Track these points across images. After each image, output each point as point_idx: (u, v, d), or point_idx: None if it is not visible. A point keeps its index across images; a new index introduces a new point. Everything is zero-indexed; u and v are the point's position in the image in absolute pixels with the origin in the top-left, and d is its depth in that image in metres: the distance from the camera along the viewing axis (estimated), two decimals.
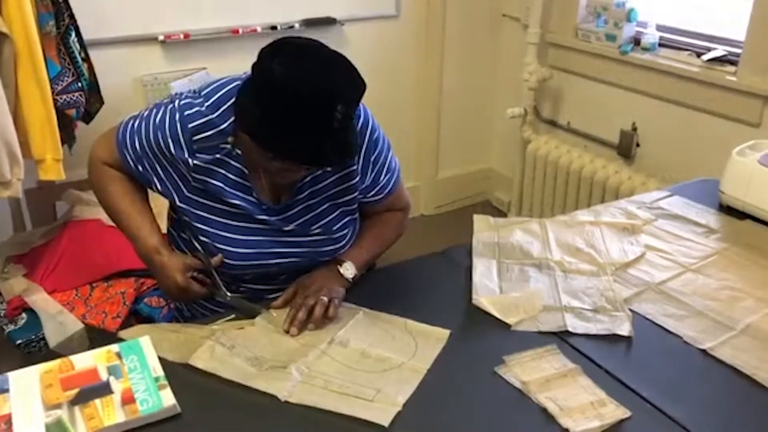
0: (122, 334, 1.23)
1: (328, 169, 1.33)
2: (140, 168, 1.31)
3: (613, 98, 2.75)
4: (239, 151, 1.27)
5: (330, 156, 1.18)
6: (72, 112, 1.98)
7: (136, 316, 1.98)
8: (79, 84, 1.98)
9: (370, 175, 1.39)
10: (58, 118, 1.89)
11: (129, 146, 1.31)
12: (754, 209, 1.64)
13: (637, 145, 2.69)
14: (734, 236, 1.58)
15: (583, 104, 2.91)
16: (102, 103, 2.14)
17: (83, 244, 2.10)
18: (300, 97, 1.11)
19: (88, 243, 2.10)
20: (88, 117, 2.12)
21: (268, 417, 1.04)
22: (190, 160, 1.26)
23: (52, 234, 2.17)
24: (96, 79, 2.10)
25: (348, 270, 1.35)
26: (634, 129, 2.69)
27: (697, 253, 1.51)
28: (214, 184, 1.28)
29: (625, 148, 2.71)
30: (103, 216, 2.14)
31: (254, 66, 1.17)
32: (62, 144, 1.96)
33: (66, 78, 1.96)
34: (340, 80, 1.15)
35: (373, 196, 1.42)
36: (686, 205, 1.73)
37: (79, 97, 1.98)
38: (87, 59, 2.04)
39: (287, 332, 1.22)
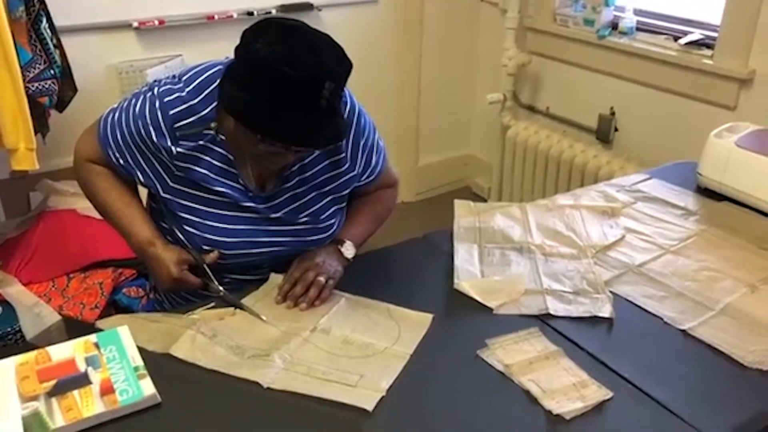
0: (100, 324, 1.21)
1: (316, 153, 1.31)
2: (122, 161, 1.28)
3: (592, 83, 2.76)
4: (223, 137, 1.25)
5: (319, 137, 1.17)
6: (45, 100, 1.94)
7: (115, 307, 1.95)
8: (52, 71, 1.94)
9: (361, 160, 1.38)
10: (30, 107, 1.85)
11: (111, 140, 1.28)
12: (731, 191, 1.65)
13: (615, 129, 2.71)
14: (712, 218, 1.59)
15: (561, 89, 2.92)
16: (75, 90, 2.10)
17: (58, 235, 2.07)
18: (287, 76, 1.09)
19: (64, 233, 2.06)
20: (61, 105, 2.08)
21: (252, 404, 1.03)
22: (173, 148, 1.23)
23: (26, 225, 2.14)
24: (69, 67, 2.06)
25: (348, 250, 1.35)
26: (612, 113, 2.70)
27: (676, 234, 1.52)
28: (199, 172, 1.26)
29: (604, 132, 2.73)
30: (79, 206, 2.12)
31: (238, 48, 1.15)
32: (35, 133, 1.92)
33: (38, 65, 1.91)
34: (327, 59, 1.13)
35: (366, 179, 1.41)
36: (665, 187, 1.74)
37: (51, 84, 1.94)
38: (59, 46, 2.00)
39: (281, 303, 1.24)
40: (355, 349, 1.14)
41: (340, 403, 1.02)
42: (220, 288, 1.27)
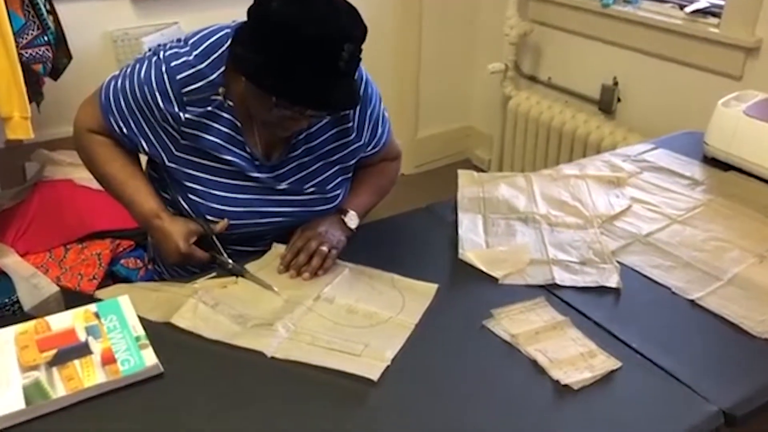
0: (99, 294, 1.19)
1: (324, 121, 1.28)
2: (125, 130, 1.24)
3: (594, 52, 2.71)
4: (231, 103, 1.22)
5: (337, 99, 1.13)
6: (39, 67, 1.90)
7: (113, 278, 1.93)
8: (45, 38, 1.90)
9: (368, 130, 1.35)
10: (24, 74, 1.81)
11: (114, 108, 1.24)
12: (738, 160, 1.63)
13: (618, 99, 2.67)
14: (719, 187, 1.57)
15: (563, 59, 2.88)
16: (70, 58, 2.05)
17: (55, 206, 2.04)
18: (305, 37, 1.05)
19: (60, 204, 2.03)
20: (55, 73, 2.03)
21: (255, 374, 1.01)
22: (180, 114, 1.20)
23: (22, 195, 2.11)
24: (63, 33, 2.01)
25: (352, 220, 1.33)
26: (615, 83, 2.66)
27: (683, 204, 1.50)
28: (207, 139, 1.22)
29: (606, 103, 2.69)
30: (75, 176, 2.09)
31: (251, 9, 1.11)
32: (30, 102, 1.88)
33: (31, 31, 1.87)
34: (345, 20, 1.10)
35: (371, 149, 1.39)
36: (671, 157, 1.71)
37: (45, 51, 1.90)
38: (52, 12, 1.95)
39: (284, 272, 1.22)
40: (359, 319, 1.13)
41: (344, 372, 1.00)
42: (230, 261, 1.24)
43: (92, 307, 1.10)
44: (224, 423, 0.93)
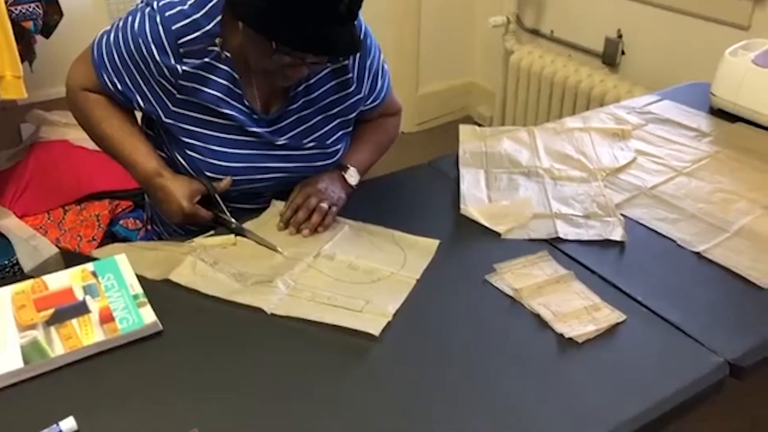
0: (96, 253, 1.17)
1: (323, 72, 1.25)
2: (120, 86, 1.20)
3: (598, 5, 2.65)
4: (228, 54, 1.18)
5: (338, 44, 1.09)
6: (29, 24, 1.85)
7: (113, 239, 1.92)
8: None
9: (367, 82, 1.31)
10: (14, 33, 1.77)
11: (107, 63, 1.20)
12: (746, 111, 1.59)
13: (623, 52, 2.62)
14: (726, 139, 1.54)
15: (566, 12, 2.81)
16: (61, 15, 2.01)
17: (51, 166, 2.02)
18: None
19: (57, 165, 2.01)
20: (47, 30, 1.99)
21: (255, 331, 1.00)
22: (177, 67, 1.16)
23: (19, 157, 2.08)
24: None
25: (352, 176, 1.31)
26: (620, 36, 2.60)
27: (688, 156, 1.47)
28: (204, 92, 1.19)
29: (610, 56, 2.64)
30: (71, 136, 2.07)
31: None
32: (22, 61, 1.84)
33: None
34: None
35: (371, 103, 1.36)
36: (677, 109, 1.68)
37: (35, 8, 1.85)
38: None
39: (283, 230, 1.21)
40: (360, 275, 1.11)
41: (346, 328, 0.99)
42: (233, 220, 1.22)
43: (89, 266, 1.09)
44: (225, 379, 0.92)
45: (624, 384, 0.92)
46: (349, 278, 1.10)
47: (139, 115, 1.30)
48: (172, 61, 1.15)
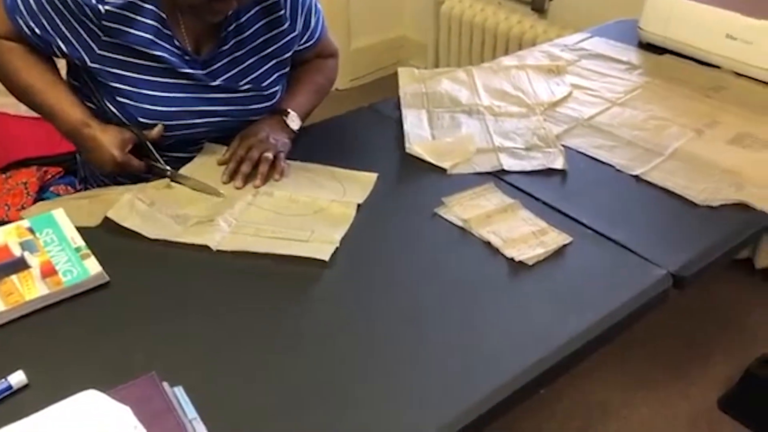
0: (24, 213, 1.11)
1: (253, 11, 1.22)
2: (38, 30, 1.13)
3: None
4: None
5: None
6: None
7: None
8: None
9: (300, 19, 1.28)
10: None
11: (21, 6, 1.12)
12: (674, 43, 1.64)
13: None
14: (655, 70, 1.59)
15: None
16: None
17: None
18: None
19: None
20: None
21: (204, 271, 0.98)
22: (99, 7, 1.09)
23: None
24: None
25: (293, 121, 1.28)
26: None
27: (621, 88, 1.51)
28: (132, 34, 1.13)
29: (539, 2, 2.66)
30: None
31: None
32: None
33: None
34: None
35: (305, 42, 1.33)
36: (607, 44, 1.72)
37: None
38: None
39: (228, 183, 1.17)
40: (301, 207, 1.11)
41: (294, 258, 0.99)
42: (167, 168, 1.19)
43: (24, 223, 1.04)
44: (178, 323, 0.90)
45: (575, 300, 0.95)
46: (291, 211, 1.10)
47: (63, 66, 1.24)
48: (93, 1, 1.10)
